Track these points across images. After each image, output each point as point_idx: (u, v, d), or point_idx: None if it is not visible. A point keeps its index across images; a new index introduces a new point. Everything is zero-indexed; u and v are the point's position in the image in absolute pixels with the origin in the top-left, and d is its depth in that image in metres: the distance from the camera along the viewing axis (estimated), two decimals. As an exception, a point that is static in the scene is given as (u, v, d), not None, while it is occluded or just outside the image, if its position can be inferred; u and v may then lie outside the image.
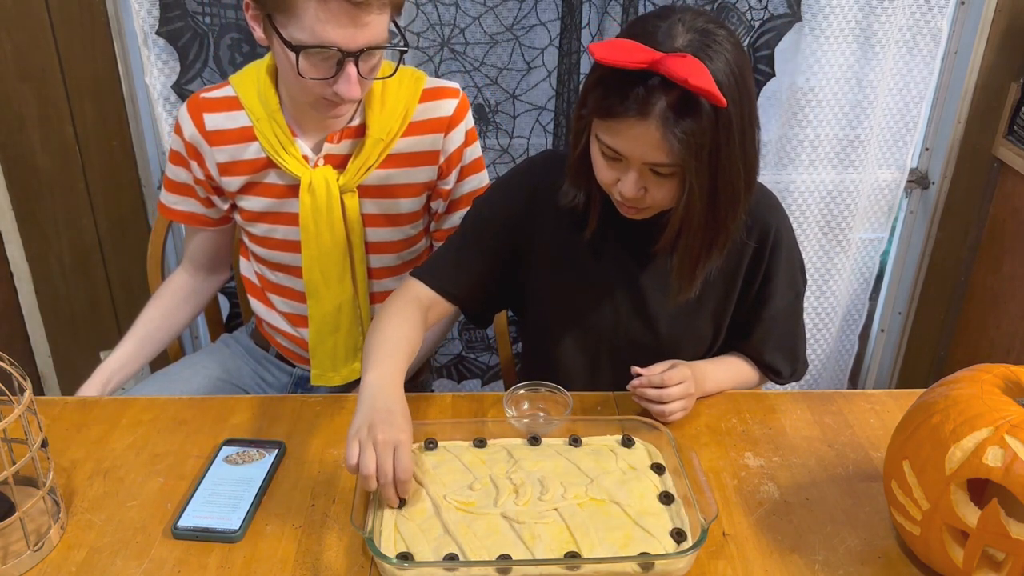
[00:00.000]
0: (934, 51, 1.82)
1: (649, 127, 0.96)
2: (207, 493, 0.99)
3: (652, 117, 0.96)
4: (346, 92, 1.12)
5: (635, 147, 0.99)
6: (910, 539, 0.89)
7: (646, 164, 1.01)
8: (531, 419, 1.11)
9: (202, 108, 1.28)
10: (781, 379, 1.28)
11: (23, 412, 0.87)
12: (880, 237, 2.04)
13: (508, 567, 0.85)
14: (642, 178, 1.03)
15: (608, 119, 1.00)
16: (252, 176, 1.29)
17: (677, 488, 0.98)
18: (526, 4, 1.69)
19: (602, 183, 1.08)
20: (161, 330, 1.40)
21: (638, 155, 1.00)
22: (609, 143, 1.01)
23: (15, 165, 1.81)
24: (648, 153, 0.99)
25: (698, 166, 0.98)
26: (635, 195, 1.03)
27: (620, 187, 1.04)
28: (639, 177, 1.02)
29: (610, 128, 1.00)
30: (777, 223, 1.17)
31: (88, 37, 1.72)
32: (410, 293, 1.19)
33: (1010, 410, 0.82)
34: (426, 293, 1.20)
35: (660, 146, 0.97)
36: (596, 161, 1.07)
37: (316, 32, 1.07)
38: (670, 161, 0.99)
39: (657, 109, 0.96)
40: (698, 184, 1.00)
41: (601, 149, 1.04)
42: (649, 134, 0.97)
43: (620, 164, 1.04)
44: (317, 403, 1.18)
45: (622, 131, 0.99)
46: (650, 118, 0.96)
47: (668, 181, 1.03)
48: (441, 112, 1.28)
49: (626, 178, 1.03)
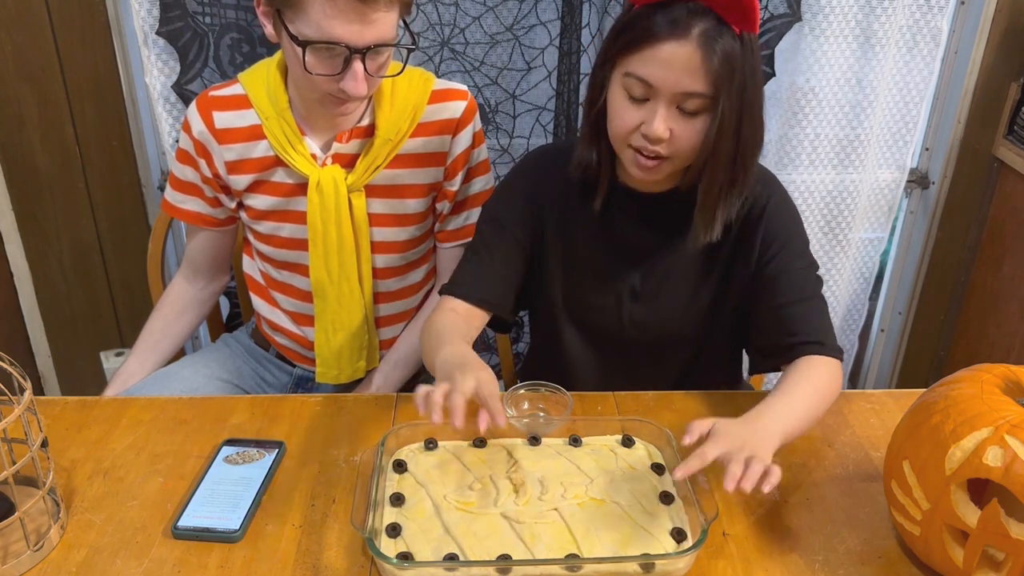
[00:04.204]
0: (934, 51, 1.82)
1: (688, 48, 0.98)
2: (207, 493, 0.99)
3: (691, 38, 0.98)
4: (352, 89, 1.12)
5: (670, 73, 1.00)
6: (910, 539, 0.89)
7: (678, 95, 1.01)
8: (531, 419, 1.11)
9: (211, 106, 1.28)
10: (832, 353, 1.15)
11: (23, 412, 0.87)
12: (880, 237, 2.04)
13: (508, 567, 0.85)
14: (670, 116, 1.03)
15: (644, 47, 1.00)
16: (260, 174, 1.29)
17: (677, 488, 0.98)
18: (526, 4, 1.69)
19: (622, 131, 1.06)
20: (162, 342, 1.41)
21: (672, 82, 1.00)
22: (642, 74, 1.01)
23: (15, 165, 1.81)
24: (682, 80, 1.00)
25: (730, 92, 1.00)
26: (662, 133, 1.02)
27: (647, 128, 1.03)
28: (667, 113, 1.02)
29: (644, 57, 1.01)
30: (772, 190, 1.17)
31: (88, 37, 1.72)
32: (446, 306, 1.19)
33: (1010, 410, 0.82)
34: (462, 307, 1.19)
35: (698, 70, 0.99)
36: (618, 108, 1.06)
37: (323, 28, 1.07)
38: (705, 88, 1.00)
39: (695, 31, 0.98)
40: (729, 111, 1.01)
41: (628, 88, 1.04)
42: (688, 56, 0.99)
43: (647, 105, 1.03)
44: (317, 403, 1.18)
45: (658, 57, 1.00)
46: (689, 39, 0.98)
47: (695, 121, 1.03)
48: (449, 114, 1.28)
49: (654, 116, 1.02)
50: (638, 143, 1.05)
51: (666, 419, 1.14)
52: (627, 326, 1.24)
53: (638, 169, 1.08)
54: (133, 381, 1.35)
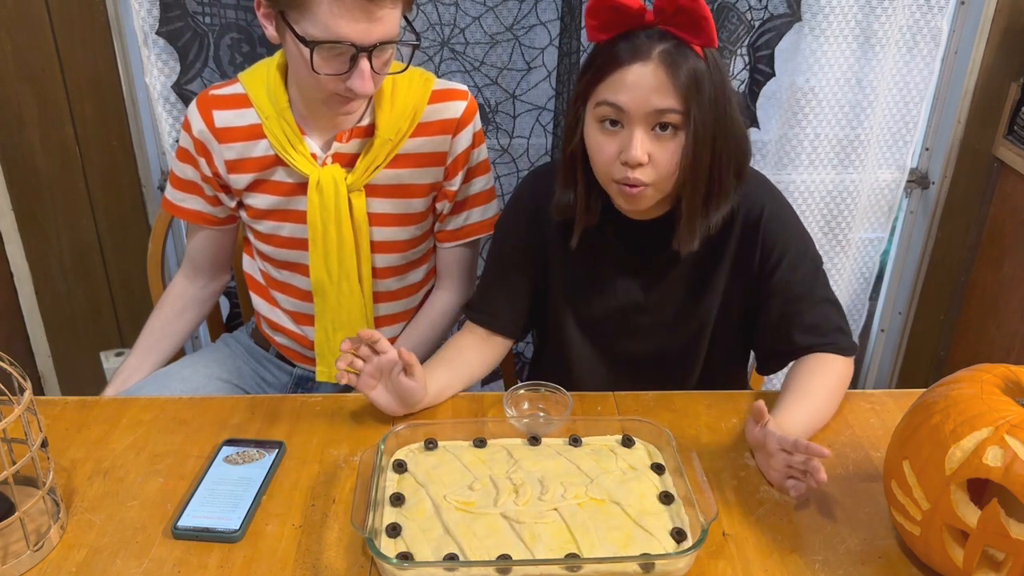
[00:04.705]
0: (934, 51, 1.82)
1: (651, 67, 1.02)
2: (207, 493, 0.99)
3: (652, 59, 1.02)
4: (360, 88, 1.12)
5: (639, 94, 1.02)
6: (910, 539, 0.89)
7: (651, 113, 1.03)
8: (531, 419, 1.11)
9: (211, 105, 1.28)
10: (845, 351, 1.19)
11: (23, 412, 0.87)
12: (880, 237, 2.04)
13: (508, 567, 0.85)
14: (646, 139, 1.04)
15: (610, 74, 1.04)
16: (260, 173, 1.29)
17: (677, 488, 0.98)
18: (526, 4, 1.69)
19: (603, 165, 1.09)
20: (162, 341, 1.41)
21: (642, 102, 1.03)
22: (612, 99, 1.04)
23: (15, 165, 1.81)
24: (651, 98, 1.02)
25: (701, 104, 1.03)
26: (640, 157, 1.04)
27: (625, 155, 1.05)
28: (643, 136, 1.04)
29: (612, 83, 1.04)
30: (765, 199, 1.18)
31: (88, 37, 1.72)
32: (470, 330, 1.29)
33: (1010, 410, 0.82)
34: (482, 332, 1.28)
35: (665, 86, 1.02)
36: (596, 142, 1.08)
37: (330, 27, 1.07)
38: (675, 103, 1.02)
39: (656, 52, 1.02)
40: (701, 124, 1.03)
41: (601, 119, 1.06)
42: (653, 75, 1.02)
43: (622, 132, 1.06)
44: (317, 403, 1.18)
45: (625, 80, 1.03)
46: (650, 60, 1.02)
47: (671, 143, 1.05)
48: (450, 114, 1.28)
49: (631, 142, 1.04)
50: (620, 175, 1.07)
51: (666, 419, 1.14)
52: (633, 337, 1.26)
53: (624, 200, 1.10)
54: (133, 380, 1.35)
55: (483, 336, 1.28)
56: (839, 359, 1.16)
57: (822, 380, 1.14)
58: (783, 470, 0.98)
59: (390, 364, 1.10)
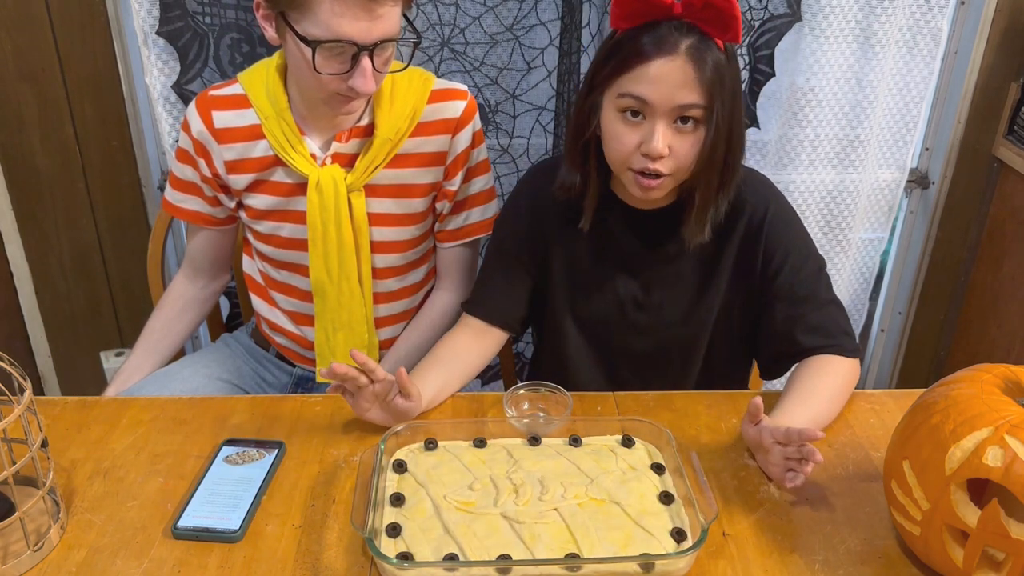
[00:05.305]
0: (934, 51, 1.82)
1: (678, 63, 1.02)
2: (207, 493, 0.99)
3: (679, 54, 1.02)
4: (361, 86, 1.12)
5: (664, 88, 1.02)
6: (910, 539, 0.89)
7: (675, 108, 1.03)
8: (531, 419, 1.11)
9: (211, 105, 1.28)
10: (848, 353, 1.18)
11: (23, 412, 0.87)
12: (880, 237, 2.04)
13: (508, 567, 0.85)
14: (668, 132, 1.05)
15: (634, 67, 1.04)
16: (259, 174, 1.29)
17: (677, 488, 0.98)
18: (526, 4, 1.69)
19: (622, 154, 1.09)
20: (163, 341, 1.41)
21: (667, 97, 1.03)
22: (637, 92, 1.04)
23: (15, 165, 1.81)
24: (677, 94, 1.02)
25: (723, 100, 1.03)
26: (662, 150, 1.05)
27: (646, 147, 1.05)
28: (665, 129, 1.05)
29: (636, 76, 1.04)
30: (769, 200, 1.19)
31: (88, 37, 1.72)
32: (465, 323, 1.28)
33: (1010, 410, 0.82)
34: (479, 324, 1.27)
35: (692, 82, 1.02)
36: (615, 131, 1.08)
37: (331, 27, 1.07)
38: (700, 99, 1.03)
39: (683, 46, 1.02)
40: (722, 119, 1.04)
41: (623, 109, 1.06)
42: (680, 70, 1.02)
43: (643, 123, 1.06)
44: (317, 403, 1.18)
45: (650, 74, 1.03)
46: (677, 54, 1.02)
47: (691, 135, 1.06)
48: (449, 113, 1.28)
49: (653, 135, 1.05)
50: (639, 165, 1.07)
51: (666, 419, 1.14)
52: (631, 335, 1.26)
53: (640, 189, 1.10)
54: (133, 380, 1.35)
55: (479, 329, 1.27)
56: (845, 361, 1.16)
57: (827, 381, 1.13)
58: (782, 463, 0.98)
59: (385, 391, 1.08)
